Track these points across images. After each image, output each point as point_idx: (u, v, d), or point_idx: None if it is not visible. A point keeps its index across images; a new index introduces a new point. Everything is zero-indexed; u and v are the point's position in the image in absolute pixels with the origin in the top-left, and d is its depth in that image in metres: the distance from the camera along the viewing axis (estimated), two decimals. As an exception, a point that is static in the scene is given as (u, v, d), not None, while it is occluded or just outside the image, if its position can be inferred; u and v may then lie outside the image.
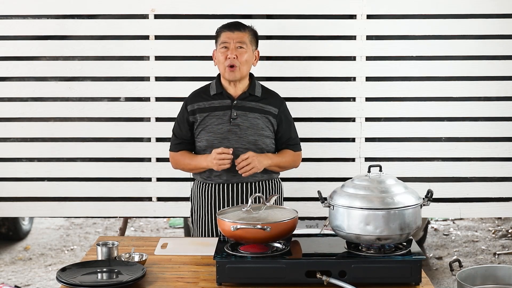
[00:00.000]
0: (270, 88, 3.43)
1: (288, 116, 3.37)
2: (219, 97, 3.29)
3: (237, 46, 3.21)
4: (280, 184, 3.44)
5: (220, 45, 3.24)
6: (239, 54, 3.21)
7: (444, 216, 6.65)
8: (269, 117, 3.29)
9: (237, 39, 3.22)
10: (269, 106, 3.30)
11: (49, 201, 4.12)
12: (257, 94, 3.29)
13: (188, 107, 3.32)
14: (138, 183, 4.11)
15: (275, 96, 3.39)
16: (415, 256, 2.50)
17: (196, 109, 3.30)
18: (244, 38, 3.24)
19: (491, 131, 4.07)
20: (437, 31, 4.01)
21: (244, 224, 2.51)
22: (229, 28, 3.26)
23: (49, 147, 4.08)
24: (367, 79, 4.05)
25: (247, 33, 3.26)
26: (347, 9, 4.00)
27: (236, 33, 3.24)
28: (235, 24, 3.29)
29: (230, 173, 3.24)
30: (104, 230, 6.73)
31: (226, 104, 3.28)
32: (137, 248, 2.88)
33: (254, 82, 3.33)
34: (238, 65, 3.20)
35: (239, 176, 3.23)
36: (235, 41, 3.21)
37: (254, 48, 3.31)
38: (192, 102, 3.32)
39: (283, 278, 2.47)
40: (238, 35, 3.23)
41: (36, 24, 4.02)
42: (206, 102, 3.29)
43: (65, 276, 2.52)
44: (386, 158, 4.06)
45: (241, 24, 3.30)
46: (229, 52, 3.21)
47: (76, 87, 4.05)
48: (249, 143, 3.24)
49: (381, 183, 2.53)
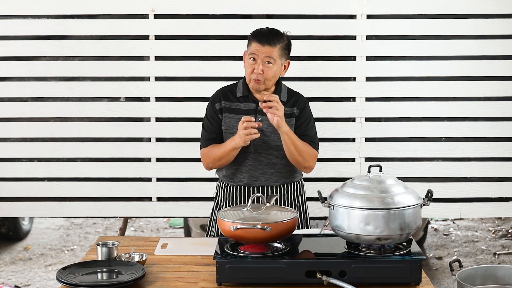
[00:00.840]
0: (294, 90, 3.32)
1: (307, 114, 3.25)
2: (245, 100, 3.22)
3: (265, 61, 3.11)
4: (302, 186, 3.38)
5: (249, 55, 3.14)
6: (266, 70, 3.11)
7: (444, 216, 6.65)
8: (292, 121, 3.22)
9: (266, 53, 3.10)
10: (293, 108, 3.23)
11: (49, 201, 4.12)
12: (282, 99, 3.18)
13: (216, 105, 3.24)
14: (138, 183, 4.11)
15: (299, 96, 3.29)
16: (415, 256, 2.50)
17: (223, 107, 3.23)
18: (273, 54, 3.10)
19: (491, 131, 4.07)
20: (437, 31, 4.01)
21: (244, 224, 2.51)
22: (260, 40, 3.11)
23: (49, 147, 4.09)
24: (367, 79, 4.05)
25: (277, 48, 3.12)
26: (347, 9, 4.00)
27: (266, 47, 3.10)
28: (267, 36, 3.12)
29: (251, 177, 3.22)
30: (104, 230, 6.73)
31: (251, 108, 3.21)
32: (137, 248, 2.88)
33: (281, 87, 3.24)
34: (262, 80, 3.13)
35: (261, 180, 3.21)
36: (263, 55, 3.10)
37: (284, 60, 3.19)
38: (220, 100, 3.24)
39: (283, 278, 2.47)
40: (268, 50, 3.10)
41: (36, 24, 4.02)
42: (232, 103, 3.22)
43: (65, 276, 2.51)
44: (386, 158, 4.06)
45: (273, 36, 3.13)
46: (256, 65, 3.11)
47: (76, 87, 4.05)
48: (272, 148, 3.20)
49: (381, 183, 2.53)
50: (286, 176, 3.27)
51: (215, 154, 3.20)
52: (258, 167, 3.22)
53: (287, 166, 3.25)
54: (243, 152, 3.19)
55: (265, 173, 3.24)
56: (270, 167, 3.23)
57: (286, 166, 3.24)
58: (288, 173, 3.28)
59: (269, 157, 3.21)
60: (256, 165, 3.22)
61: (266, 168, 3.23)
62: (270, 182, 3.24)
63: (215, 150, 3.21)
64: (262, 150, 3.20)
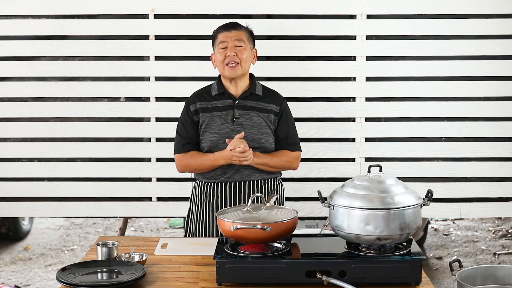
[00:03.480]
0: (271, 88, 3.43)
1: (288, 114, 3.37)
2: (221, 97, 3.31)
3: (235, 45, 3.24)
4: (281, 185, 3.44)
5: (219, 45, 3.27)
6: (239, 52, 3.24)
7: (444, 216, 6.65)
8: (270, 116, 3.30)
9: (235, 37, 3.26)
10: (270, 105, 3.32)
11: (49, 201, 4.12)
12: (258, 93, 3.31)
13: (190, 107, 3.32)
14: (138, 183, 4.11)
15: (276, 94, 3.40)
16: (415, 256, 2.51)
17: (198, 108, 3.30)
18: (241, 36, 3.27)
19: (491, 131, 4.07)
20: (437, 31, 4.01)
21: (244, 224, 2.52)
22: (226, 28, 3.30)
23: (49, 147, 4.08)
24: (367, 79, 4.05)
25: (244, 32, 3.30)
26: (347, 9, 4.00)
27: (233, 32, 3.27)
28: (231, 24, 3.34)
29: (232, 170, 3.26)
30: (104, 230, 6.73)
31: (228, 104, 3.29)
32: (137, 248, 2.88)
33: (255, 81, 3.35)
34: (239, 61, 3.23)
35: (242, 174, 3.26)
36: (233, 39, 3.25)
37: (252, 47, 3.33)
38: (195, 102, 3.33)
39: (283, 278, 2.48)
40: (236, 34, 3.27)
41: (36, 24, 4.02)
42: (208, 102, 3.30)
43: (65, 276, 2.52)
44: (386, 158, 4.06)
45: (237, 23, 3.35)
46: (228, 50, 3.23)
47: (76, 87, 4.05)
48: (252, 141, 3.24)
49: (381, 183, 2.53)
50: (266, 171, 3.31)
51: (198, 165, 3.28)
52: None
53: None
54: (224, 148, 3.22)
55: (248, 167, 3.27)
56: None
57: None
58: None
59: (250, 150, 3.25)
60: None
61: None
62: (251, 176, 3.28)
63: (198, 161, 3.27)
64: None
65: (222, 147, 3.22)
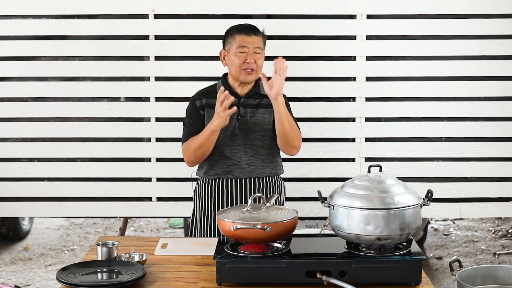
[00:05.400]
0: None
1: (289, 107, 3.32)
2: None
3: (254, 51, 3.21)
4: (282, 183, 3.44)
5: (238, 48, 3.21)
6: (257, 59, 3.21)
7: (444, 216, 6.65)
8: (272, 110, 3.28)
9: (255, 44, 3.21)
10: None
11: (49, 201, 4.13)
12: (262, 93, 3.29)
13: (196, 102, 3.31)
14: (138, 183, 4.11)
15: None
16: (415, 256, 2.50)
17: (204, 104, 3.30)
18: (260, 44, 3.24)
19: (491, 131, 4.07)
20: (437, 31, 4.01)
21: (244, 224, 2.51)
22: (246, 32, 3.23)
23: (49, 147, 4.09)
24: (367, 79, 4.05)
25: (261, 38, 3.26)
26: (347, 9, 4.01)
27: (253, 37, 3.22)
28: (251, 28, 3.26)
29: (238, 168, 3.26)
30: (104, 230, 6.73)
31: (233, 103, 3.27)
32: (137, 248, 2.88)
33: (258, 81, 3.34)
34: (255, 69, 3.21)
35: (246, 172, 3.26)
36: (253, 46, 3.21)
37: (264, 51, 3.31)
38: (200, 98, 3.31)
39: (283, 278, 2.48)
40: (255, 40, 3.22)
41: (36, 24, 4.02)
42: (214, 99, 3.26)
43: (65, 276, 2.52)
44: (386, 158, 4.06)
45: (256, 28, 3.27)
46: (248, 57, 3.20)
47: (76, 87, 4.05)
48: (256, 139, 3.26)
49: (381, 183, 2.53)
50: (272, 167, 3.31)
51: (194, 143, 3.22)
52: (245, 159, 3.26)
53: (271, 156, 3.32)
54: (229, 146, 3.24)
55: (251, 164, 3.27)
56: (256, 158, 3.28)
57: (270, 156, 3.31)
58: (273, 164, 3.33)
59: (254, 147, 3.26)
60: (243, 157, 3.25)
61: (253, 159, 3.27)
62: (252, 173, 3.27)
63: (193, 140, 3.24)
64: (247, 141, 3.26)
65: (227, 144, 3.22)
